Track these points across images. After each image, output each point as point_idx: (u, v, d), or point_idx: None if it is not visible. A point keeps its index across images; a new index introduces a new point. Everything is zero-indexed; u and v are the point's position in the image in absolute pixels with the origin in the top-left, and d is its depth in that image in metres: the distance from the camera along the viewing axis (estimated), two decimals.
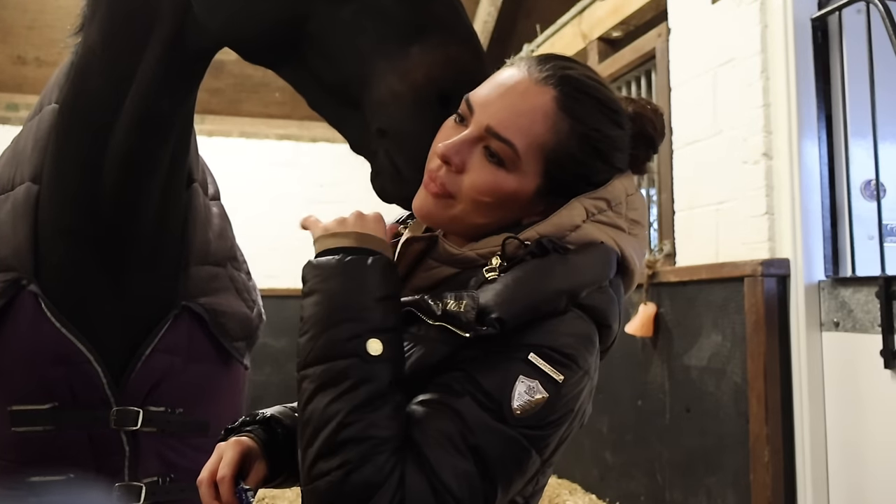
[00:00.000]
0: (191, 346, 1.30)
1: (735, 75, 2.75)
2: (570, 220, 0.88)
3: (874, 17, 2.34)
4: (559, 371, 0.79)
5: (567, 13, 4.18)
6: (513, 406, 0.77)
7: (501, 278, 0.83)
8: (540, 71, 0.88)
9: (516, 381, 0.77)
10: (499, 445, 0.76)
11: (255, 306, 1.47)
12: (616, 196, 0.92)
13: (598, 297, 0.85)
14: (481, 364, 0.79)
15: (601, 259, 0.87)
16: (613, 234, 0.90)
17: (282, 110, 5.57)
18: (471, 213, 0.88)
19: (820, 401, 2.43)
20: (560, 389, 0.79)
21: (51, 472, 1.14)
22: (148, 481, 1.21)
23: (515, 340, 0.79)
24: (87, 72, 1.20)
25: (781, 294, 2.51)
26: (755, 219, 2.62)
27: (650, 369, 3.17)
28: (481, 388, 0.78)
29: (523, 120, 0.86)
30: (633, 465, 3.30)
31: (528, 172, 0.87)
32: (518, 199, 0.88)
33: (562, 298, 0.81)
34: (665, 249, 3.14)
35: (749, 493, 2.55)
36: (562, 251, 0.85)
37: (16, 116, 5.27)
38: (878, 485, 2.23)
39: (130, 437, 1.20)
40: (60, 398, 1.16)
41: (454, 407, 0.77)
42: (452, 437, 0.76)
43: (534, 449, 0.78)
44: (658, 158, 3.29)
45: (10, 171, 1.27)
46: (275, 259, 4.98)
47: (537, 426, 0.78)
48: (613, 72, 3.65)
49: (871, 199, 2.45)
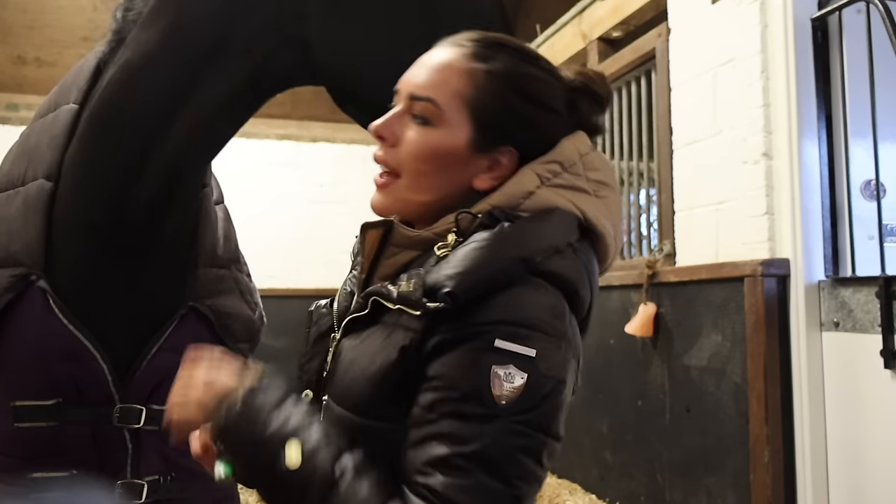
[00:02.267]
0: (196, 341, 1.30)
1: (735, 75, 2.75)
2: (521, 187, 0.87)
3: (874, 17, 2.34)
4: (530, 346, 0.75)
5: (567, 13, 4.18)
6: (496, 400, 0.73)
7: (453, 253, 0.81)
8: (455, 40, 0.92)
9: (491, 374, 0.74)
10: (499, 444, 0.73)
11: (258, 308, 1.48)
12: (568, 157, 0.90)
13: (558, 262, 0.82)
14: (449, 367, 0.76)
15: (556, 223, 0.84)
16: (573, 196, 0.88)
17: (282, 110, 5.57)
18: (416, 186, 0.89)
19: (820, 401, 2.43)
20: (538, 364, 0.75)
21: (53, 469, 1.14)
22: (150, 479, 1.21)
23: (476, 321, 0.76)
24: (141, 79, 1.19)
25: (781, 294, 2.51)
26: (755, 219, 2.62)
27: (650, 369, 3.17)
28: (457, 396, 0.75)
29: (437, 76, 0.89)
30: (633, 465, 3.30)
31: (455, 123, 0.88)
32: (453, 154, 0.88)
33: (515, 267, 0.79)
34: (665, 249, 3.14)
35: (749, 493, 2.55)
36: (514, 219, 0.83)
37: (16, 116, 5.27)
38: (878, 485, 2.23)
39: (133, 434, 1.21)
40: (65, 394, 1.16)
41: (439, 432, 0.74)
42: (450, 460, 0.73)
43: (538, 431, 0.75)
44: (658, 158, 3.29)
45: (21, 168, 1.27)
46: (275, 259, 4.98)
47: (530, 408, 0.75)
48: (613, 72, 3.65)
49: (871, 199, 2.45)
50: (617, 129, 3.75)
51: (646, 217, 3.78)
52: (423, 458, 0.74)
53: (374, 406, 0.82)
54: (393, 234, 0.90)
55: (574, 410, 4.11)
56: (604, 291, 3.67)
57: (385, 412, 0.81)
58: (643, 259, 3.32)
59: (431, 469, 0.73)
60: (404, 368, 0.79)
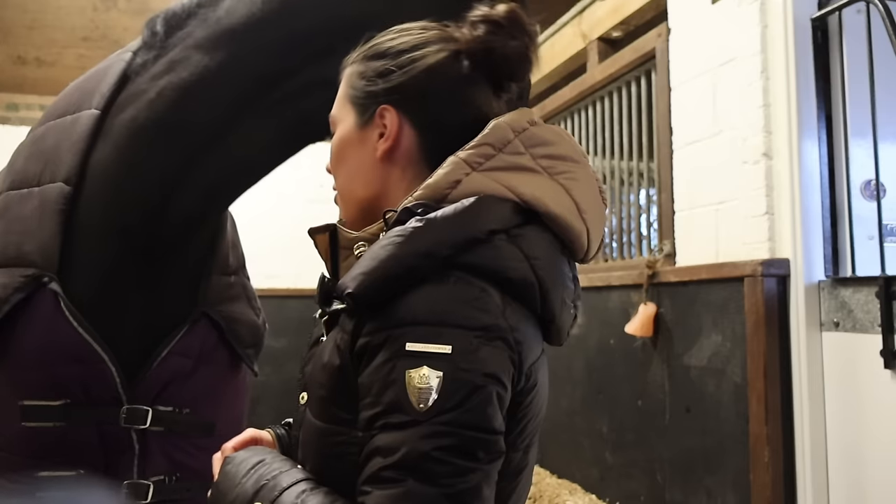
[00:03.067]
0: (202, 350, 1.33)
1: (735, 75, 2.75)
2: (445, 178, 0.83)
3: (874, 17, 2.34)
4: (444, 343, 0.72)
5: (567, 13, 4.18)
6: (413, 405, 0.71)
7: (365, 253, 0.80)
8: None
9: (405, 380, 0.72)
10: (423, 449, 0.70)
11: (261, 314, 1.51)
12: (501, 137, 0.85)
13: (480, 252, 0.77)
14: (372, 380, 0.75)
15: (477, 211, 0.79)
16: (511, 178, 0.83)
17: None
18: (342, 182, 0.95)
19: (820, 401, 2.43)
20: (455, 360, 0.72)
21: (60, 468, 1.15)
22: (155, 479, 1.23)
23: (389, 324, 0.74)
24: (197, 100, 1.21)
25: (781, 294, 2.51)
26: (755, 219, 2.62)
27: (650, 369, 3.17)
28: (382, 409, 0.73)
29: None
30: (633, 465, 3.30)
31: (344, 117, 0.95)
32: (347, 139, 0.94)
33: (423, 263, 0.75)
34: (665, 249, 3.14)
35: (749, 493, 2.55)
36: (430, 212, 0.79)
37: (16, 116, 5.27)
38: (878, 485, 2.23)
39: (140, 435, 1.22)
40: (73, 396, 1.17)
41: (374, 448, 0.73)
42: (381, 474, 0.71)
43: (465, 429, 0.72)
44: (658, 158, 3.29)
45: (36, 167, 1.27)
46: (275, 259, 4.98)
47: (452, 408, 0.71)
48: (613, 72, 3.65)
49: (871, 199, 2.45)
50: (617, 129, 3.75)
51: (646, 217, 3.78)
52: (364, 476, 0.73)
53: (325, 408, 0.82)
54: (339, 237, 0.92)
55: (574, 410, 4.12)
56: (604, 291, 3.70)
57: (333, 415, 0.81)
58: (643, 259, 3.32)
59: (368, 486, 0.72)
60: (342, 370, 0.79)
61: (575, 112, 4.18)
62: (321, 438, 0.82)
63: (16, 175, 1.30)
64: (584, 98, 4.04)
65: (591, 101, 4.01)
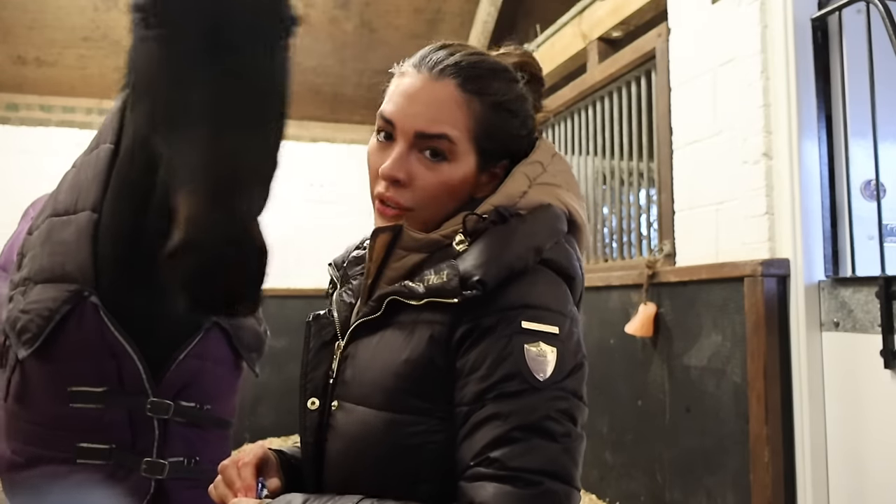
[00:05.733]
0: (215, 353, 1.52)
1: (735, 75, 2.75)
2: (516, 188, 0.95)
3: (874, 17, 2.34)
4: (552, 324, 0.85)
5: (567, 13, 4.18)
6: (534, 374, 0.82)
7: (472, 248, 0.90)
8: (431, 69, 0.95)
9: (524, 353, 0.82)
10: (546, 411, 0.81)
11: (263, 322, 1.67)
12: (546, 158, 1.00)
13: (557, 252, 0.92)
14: (485, 356, 0.83)
15: (552, 218, 0.94)
16: (556, 192, 0.97)
17: None
18: (429, 214, 0.96)
19: (820, 401, 2.43)
20: (563, 339, 0.85)
21: (96, 442, 1.39)
22: (173, 460, 1.42)
23: (501, 307, 0.85)
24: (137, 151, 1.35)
25: (781, 294, 2.51)
26: (755, 219, 2.62)
27: (650, 369, 3.17)
28: (499, 379, 0.82)
29: (443, 113, 0.93)
30: (633, 465, 3.30)
31: (465, 155, 0.95)
32: (467, 183, 0.96)
33: (529, 255, 0.88)
34: (665, 249, 3.14)
35: (749, 493, 2.55)
36: (518, 216, 0.92)
37: (16, 116, 5.27)
38: (878, 485, 2.23)
39: (161, 423, 1.42)
40: (110, 383, 1.40)
41: (490, 415, 0.82)
42: (507, 434, 0.80)
43: (573, 396, 0.85)
44: (658, 158, 3.29)
45: (73, 197, 1.48)
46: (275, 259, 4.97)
47: (564, 377, 0.84)
48: (613, 72, 3.65)
49: (871, 199, 2.45)
50: (617, 129, 3.75)
51: (646, 217, 3.78)
52: (478, 443, 0.81)
53: (400, 400, 0.87)
54: (402, 237, 0.95)
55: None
56: (604, 291, 3.69)
57: (411, 405, 0.87)
58: (643, 259, 3.32)
59: (488, 449, 0.80)
60: (432, 361, 0.86)
61: (575, 112, 4.18)
62: (396, 430, 0.87)
63: (58, 203, 1.52)
64: (584, 98, 4.04)
65: (591, 101, 4.01)
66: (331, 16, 5.15)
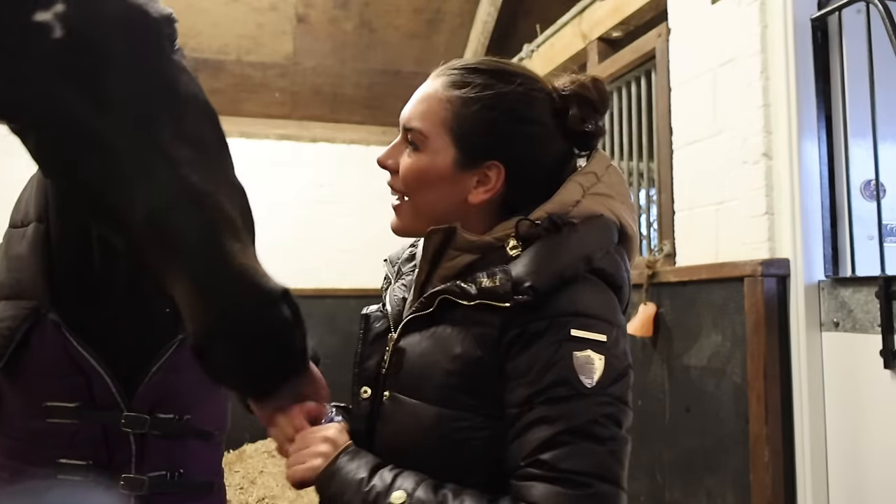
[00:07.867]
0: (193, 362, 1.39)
1: (735, 75, 2.75)
2: (570, 196, 0.98)
3: (874, 17, 2.34)
4: (600, 332, 0.88)
5: (567, 13, 4.18)
6: (582, 381, 0.85)
7: (524, 254, 0.93)
8: (437, 73, 1.03)
9: (572, 360, 0.85)
10: (593, 416, 0.84)
11: None
12: (600, 169, 1.01)
13: (607, 261, 0.95)
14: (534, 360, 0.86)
15: (604, 228, 0.97)
16: (609, 203, 0.99)
17: (281, 110, 5.57)
18: (418, 205, 1.01)
19: (820, 401, 2.43)
20: (610, 347, 0.88)
21: (74, 458, 1.34)
22: (154, 475, 1.36)
23: (551, 314, 0.87)
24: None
25: (781, 294, 2.51)
26: (755, 219, 2.62)
27: (650, 369, 3.17)
28: (548, 384, 0.85)
29: (422, 105, 1.00)
30: (633, 465, 3.30)
31: (439, 147, 0.98)
32: (439, 174, 0.98)
33: (580, 264, 0.91)
34: (665, 249, 3.14)
35: (749, 493, 2.55)
36: (570, 225, 0.95)
37: None
38: (878, 485, 2.23)
39: (138, 438, 1.36)
40: (83, 399, 1.34)
41: (538, 418, 0.84)
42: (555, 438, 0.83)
43: (619, 402, 0.88)
44: (658, 158, 3.29)
45: (27, 208, 1.43)
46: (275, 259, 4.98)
47: (611, 384, 0.87)
48: (613, 72, 3.65)
49: (870, 199, 2.45)
50: (617, 129, 3.75)
51: (646, 217, 3.78)
52: (529, 445, 0.84)
53: (448, 395, 0.90)
54: (455, 238, 0.98)
55: None
56: None
57: (459, 401, 0.90)
58: (643, 259, 3.32)
59: (538, 451, 0.83)
60: (481, 360, 0.89)
61: None
62: (444, 423, 0.90)
63: (16, 214, 1.46)
64: None
65: None
66: (331, 16, 5.15)
